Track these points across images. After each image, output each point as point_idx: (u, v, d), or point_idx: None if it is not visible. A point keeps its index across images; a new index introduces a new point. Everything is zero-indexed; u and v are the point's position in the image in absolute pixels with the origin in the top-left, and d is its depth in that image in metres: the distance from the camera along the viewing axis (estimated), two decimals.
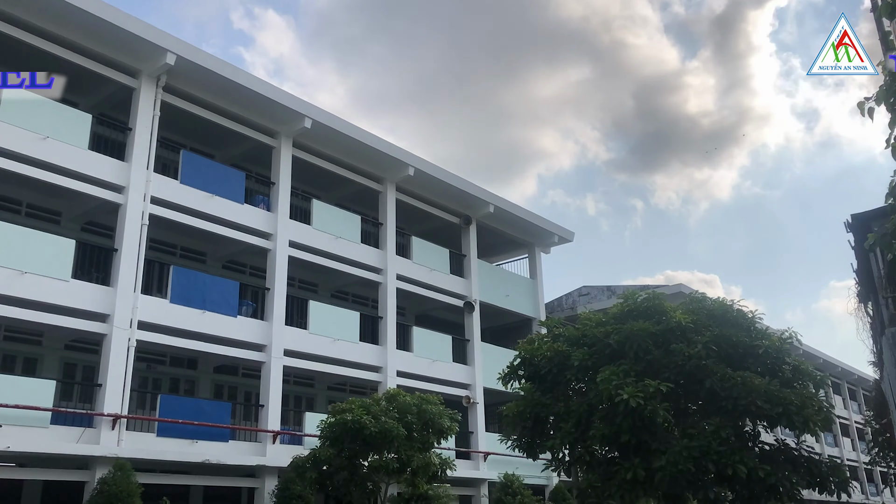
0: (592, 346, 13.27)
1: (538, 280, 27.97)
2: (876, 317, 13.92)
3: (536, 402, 13.57)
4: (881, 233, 6.37)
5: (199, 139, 19.83)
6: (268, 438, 17.28)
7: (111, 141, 16.70)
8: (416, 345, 22.18)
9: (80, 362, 17.16)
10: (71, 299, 14.72)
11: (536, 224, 26.98)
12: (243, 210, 18.41)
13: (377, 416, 14.54)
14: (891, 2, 5.34)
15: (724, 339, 12.54)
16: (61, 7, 14.97)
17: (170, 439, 15.58)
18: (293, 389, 21.03)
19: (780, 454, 12.50)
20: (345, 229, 20.91)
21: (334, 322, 19.97)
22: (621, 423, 11.59)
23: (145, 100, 16.79)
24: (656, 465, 11.52)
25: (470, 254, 25.09)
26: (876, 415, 20.00)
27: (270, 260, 18.87)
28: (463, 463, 21.28)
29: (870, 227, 11.38)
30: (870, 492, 45.36)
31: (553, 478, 23.23)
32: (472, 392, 23.38)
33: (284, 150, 19.75)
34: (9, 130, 14.40)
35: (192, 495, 17.90)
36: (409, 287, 22.49)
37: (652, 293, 14.15)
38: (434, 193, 24.08)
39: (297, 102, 19.09)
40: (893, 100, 5.51)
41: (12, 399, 13.33)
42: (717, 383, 11.92)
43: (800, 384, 12.69)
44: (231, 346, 17.43)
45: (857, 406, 49.00)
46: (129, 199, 16.02)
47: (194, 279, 17.24)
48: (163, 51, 16.28)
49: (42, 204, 16.94)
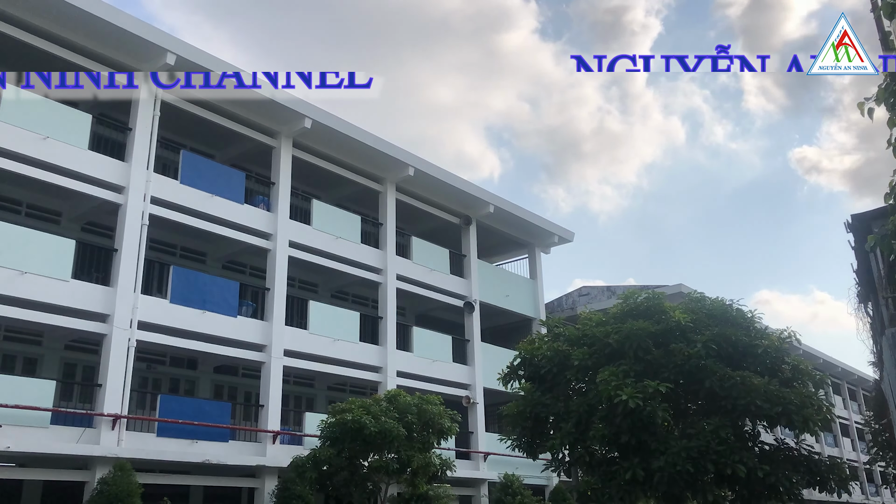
0: (592, 346, 13.28)
1: (538, 280, 27.96)
2: (876, 317, 13.93)
3: (536, 402, 13.58)
4: (881, 234, 6.36)
5: (199, 139, 19.82)
6: (268, 438, 17.28)
7: (111, 141, 16.70)
8: (416, 345, 22.17)
9: (80, 362, 17.16)
10: (71, 299, 14.71)
11: (536, 224, 26.98)
12: (243, 210, 18.41)
13: (377, 417, 14.53)
14: (891, 2, 5.33)
15: (723, 339, 12.55)
16: (61, 7, 14.96)
17: (170, 439, 15.58)
18: (293, 389, 21.03)
19: (780, 454, 12.51)
20: (345, 229, 20.91)
21: (334, 322, 19.96)
22: (621, 424, 11.60)
23: (145, 100, 16.80)
24: (655, 466, 11.52)
25: (470, 254, 25.09)
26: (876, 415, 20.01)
27: (270, 260, 18.87)
28: (463, 463, 21.27)
29: (870, 228, 11.40)
30: (870, 492, 45.35)
31: (553, 478, 23.22)
32: (472, 392, 23.37)
33: (284, 150, 19.75)
34: (9, 130, 14.39)
35: (192, 495, 17.89)
36: (409, 287, 22.48)
37: (652, 293, 14.18)
38: (434, 193, 24.08)
39: (298, 102, 19.08)
40: (893, 100, 5.51)
41: (12, 399, 13.33)
42: (717, 383, 11.92)
43: (799, 384, 12.69)
44: (231, 346, 17.42)
45: (857, 406, 48.97)
46: (129, 199, 16.02)
47: (194, 279, 17.24)
48: (163, 51, 16.28)
49: (42, 204, 16.94)
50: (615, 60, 11.86)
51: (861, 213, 12.31)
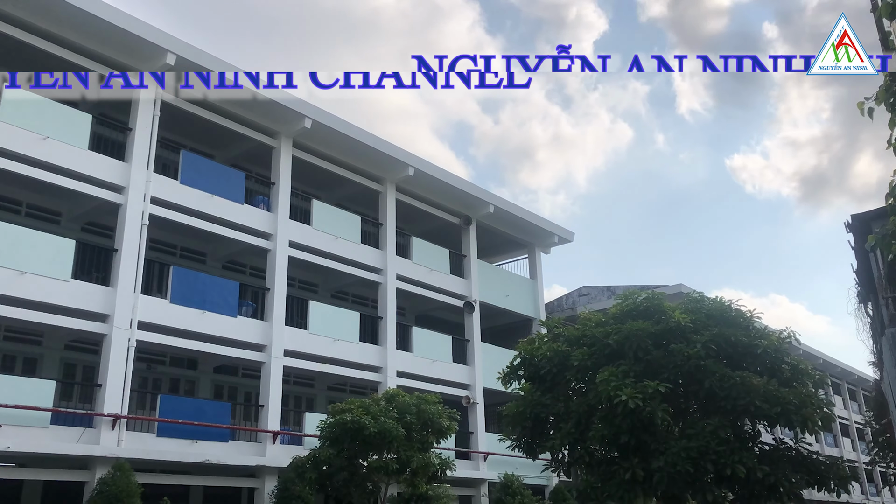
0: (592, 347, 13.27)
1: (538, 280, 27.96)
2: (876, 317, 13.93)
3: (536, 402, 13.57)
4: (882, 234, 6.36)
5: (199, 139, 19.82)
6: (268, 439, 17.28)
7: (111, 141, 16.71)
8: (416, 345, 22.17)
9: (80, 362, 17.16)
10: (71, 299, 14.72)
11: (536, 224, 26.98)
12: (243, 210, 18.41)
13: (376, 417, 14.53)
14: (891, 2, 5.33)
15: (722, 339, 12.54)
16: (62, 7, 14.96)
17: (170, 439, 15.59)
18: (293, 389, 21.03)
19: (780, 454, 12.51)
20: (345, 229, 20.91)
21: (334, 322, 19.97)
22: (620, 424, 11.60)
23: (145, 100, 16.80)
24: (654, 466, 11.52)
25: (470, 254, 25.09)
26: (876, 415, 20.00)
27: (270, 260, 18.87)
28: (463, 463, 21.27)
29: (870, 228, 11.41)
30: (870, 492, 45.35)
31: (553, 478, 23.23)
32: (471, 392, 23.37)
33: (284, 151, 19.76)
34: (9, 130, 14.40)
35: (192, 495, 17.89)
36: (409, 287, 22.48)
37: (651, 293, 14.17)
38: (434, 193, 24.08)
39: (298, 103, 19.08)
40: (893, 100, 5.51)
41: (12, 399, 13.33)
42: (717, 383, 11.92)
43: (799, 383, 12.69)
44: (231, 347, 17.43)
45: (857, 406, 48.96)
46: (129, 200, 16.02)
47: (194, 279, 17.24)
48: (163, 51, 16.28)
49: (42, 204, 16.94)
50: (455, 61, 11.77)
51: (861, 213, 12.34)
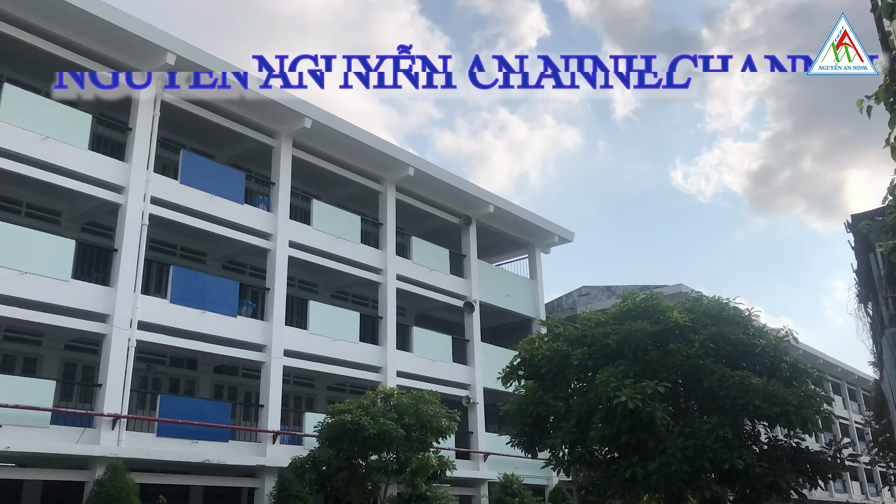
0: (592, 346, 13.27)
1: (538, 280, 27.96)
2: (876, 317, 13.92)
3: (538, 401, 13.57)
4: (876, 224, 6.34)
5: (199, 139, 19.83)
6: (268, 439, 17.28)
7: (111, 141, 16.70)
8: (416, 345, 22.17)
9: (80, 362, 17.16)
10: (71, 299, 14.72)
11: (536, 224, 26.97)
12: (243, 210, 18.41)
13: (376, 417, 14.52)
14: (891, 2, 5.33)
15: (721, 338, 12.55)
16: (62, 7, 14.95)
17: (170, 439, 15.58)
18: (293, 389, 21.03)
19: (778, 451, 12.52)
20: (345, 229, 20.91)
21: (334, 322, 19.96)
22: (620, 424, 11.60)
23: (145, 100, 16.79)
24: (651, 467, 11.53)
25: (470, 254, 25.08)
26: (876, 415, 19.97)
27: (270, 260, 18.87)
28: (463, 463, 21.26)
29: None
30: (870, 492, 45.35)
31: (553, 478, 23.22)
32: (471, 392, 23.37)
33: (284, 151, 19.75)
34: (9, 130, 14.39)
35: (191, 495, 17.89)
36: (408, 287, 22.48)
37: (650, 293, 14.17)
38: (434, 193, 24.08)
39: (298, 103, 19.08)
40: (893, 100, 5.51)
41: (12, 399, 13.33)
42: (716, 383, 11.93)
43: (798, 383, 12.70)
44: (231, 347, 17.42)
45: (857, 406, 48.96)
46: (129, 200, 16.02)
47: (194, 279, 17.24)
48: (163, 51, 16.27)
49: (42, 204, 16.94)
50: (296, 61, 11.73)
51: (861, 213, 12.30)
